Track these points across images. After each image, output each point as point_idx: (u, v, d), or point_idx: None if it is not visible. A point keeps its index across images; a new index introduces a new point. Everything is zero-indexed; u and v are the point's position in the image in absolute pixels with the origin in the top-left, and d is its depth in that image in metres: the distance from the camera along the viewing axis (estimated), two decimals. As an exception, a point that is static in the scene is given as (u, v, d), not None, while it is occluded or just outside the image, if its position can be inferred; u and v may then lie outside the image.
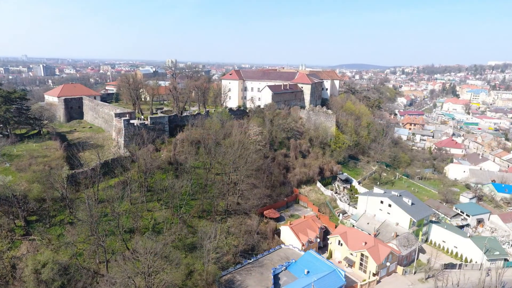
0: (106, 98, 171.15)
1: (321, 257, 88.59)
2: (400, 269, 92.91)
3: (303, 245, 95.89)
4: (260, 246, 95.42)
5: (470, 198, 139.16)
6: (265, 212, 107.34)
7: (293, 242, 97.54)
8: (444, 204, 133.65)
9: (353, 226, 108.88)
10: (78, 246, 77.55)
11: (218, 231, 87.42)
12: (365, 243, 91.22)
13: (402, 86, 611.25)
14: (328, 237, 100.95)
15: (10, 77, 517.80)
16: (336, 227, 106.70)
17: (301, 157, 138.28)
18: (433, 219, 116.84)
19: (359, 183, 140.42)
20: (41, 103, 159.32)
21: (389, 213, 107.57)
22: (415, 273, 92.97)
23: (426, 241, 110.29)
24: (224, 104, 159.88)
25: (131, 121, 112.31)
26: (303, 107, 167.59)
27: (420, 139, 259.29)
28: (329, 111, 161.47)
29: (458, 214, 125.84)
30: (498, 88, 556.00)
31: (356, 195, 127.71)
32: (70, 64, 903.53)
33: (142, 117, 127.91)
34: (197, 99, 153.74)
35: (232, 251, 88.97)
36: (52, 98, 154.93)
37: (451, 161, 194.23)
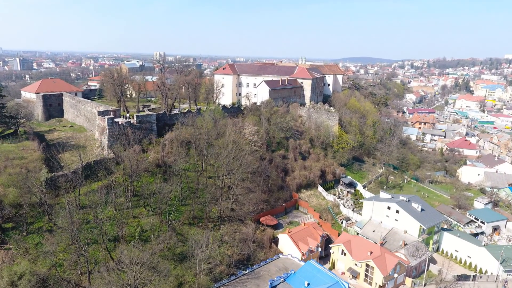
0: (89, 95, 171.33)
1: (322, 268, 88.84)
2: (408, 281, 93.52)
3: (303, 254, 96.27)
4: (256, 255, 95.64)
5: (485, 204, 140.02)
6: (261, 219, 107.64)
7: (292, 252, 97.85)
8: (457, 210, 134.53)
9: (358, 234, 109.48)
10: (58, 256, 77.45)
11: (210, 240, 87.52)
12: (371, 252, 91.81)
13: (411, 81, 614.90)
14: (330, 246, 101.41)
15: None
16: (339, 235, 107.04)
17: (301, 158, 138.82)
18: (445, 226, 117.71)
19: (364, 187, 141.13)
20: (17, 100, 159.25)
21: (396, 220, 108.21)
22: (425, 285, 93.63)
23: (437, 250, 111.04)
24: (217, 101, 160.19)
25: (116, 120, 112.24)
26: (303, 104, 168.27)
27: (431, 139, 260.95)
28: (332, 108, 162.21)
29: (472, 221, 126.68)
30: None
31: (360, 200, 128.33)
32: (49, 57, 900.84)
33: (128, 115, 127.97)
34: (187, 96, 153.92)
35: (225, 261, 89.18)
36: (29, 95, 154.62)
37: (465, 163, 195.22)
